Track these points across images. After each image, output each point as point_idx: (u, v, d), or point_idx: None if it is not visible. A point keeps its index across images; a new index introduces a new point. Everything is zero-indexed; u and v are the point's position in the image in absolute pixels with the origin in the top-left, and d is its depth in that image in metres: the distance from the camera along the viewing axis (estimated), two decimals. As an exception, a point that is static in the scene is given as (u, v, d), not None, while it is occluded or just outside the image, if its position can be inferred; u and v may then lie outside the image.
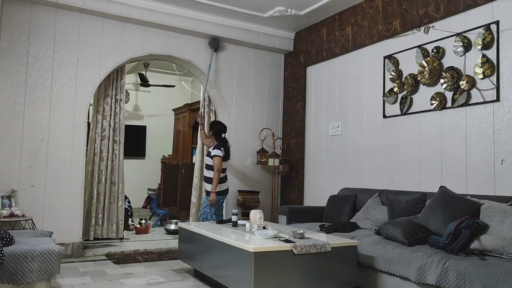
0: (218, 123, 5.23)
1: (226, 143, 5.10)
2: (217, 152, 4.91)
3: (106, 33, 5.26)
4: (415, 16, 4.48)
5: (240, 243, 3.17)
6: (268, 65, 6.44)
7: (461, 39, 3.99)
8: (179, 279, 4.07)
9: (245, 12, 5.60)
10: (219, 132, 5.09)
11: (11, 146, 4.69)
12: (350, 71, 5.37)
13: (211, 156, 4.94)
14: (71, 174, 4.97)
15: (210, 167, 4.96)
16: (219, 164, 4.86)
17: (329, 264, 3.26)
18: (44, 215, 4.78)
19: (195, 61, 5.84)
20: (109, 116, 5.51)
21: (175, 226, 6.57)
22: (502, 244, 2.94)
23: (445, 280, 2.84)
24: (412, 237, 3.35)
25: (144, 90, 9.57)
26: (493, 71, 3.73)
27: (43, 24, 4.90)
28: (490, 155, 3.74)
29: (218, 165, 4.86)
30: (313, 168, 5.89)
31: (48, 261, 3.12)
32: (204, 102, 6.20)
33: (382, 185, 4.74)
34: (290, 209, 4.96)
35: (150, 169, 9.70)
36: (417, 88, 4.45)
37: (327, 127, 5.69)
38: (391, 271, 3.28)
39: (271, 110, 6.43)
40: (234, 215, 4.12)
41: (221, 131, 5.11)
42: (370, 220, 4.23)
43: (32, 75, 4.83)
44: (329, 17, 5.68)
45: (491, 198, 3.43)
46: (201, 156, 6.24)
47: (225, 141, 5.11)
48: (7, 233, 3.19)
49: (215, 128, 5.10)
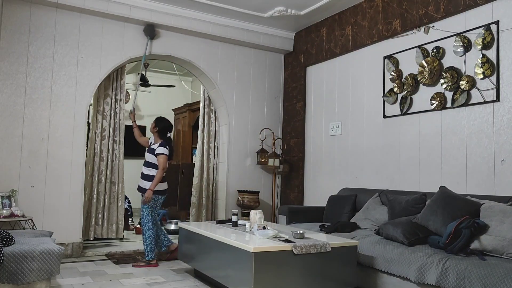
0: (165, 120, 4.87)
1: (170, 141, 4.83)
2: (162, 150, 4.62)
3: (106, 33, 5.26)
4: (415, 16, 4.48)
5: (240, 243, 3.17)
6: (268, 65, 6.44)
7: (461, 39, 3.99)
8: (179, 279, 4.07)
9: (245, 12, 5.60)
10: (164, 129, 4.78)
11: (11, 146, 4.69)
12: (350, 71, 5.37)
13: (155, 154, 4.64)
14: (71, 174, 4.97)
15: (151, 164, 4.67)
16: (164, 162, 4.60)
17: (329, 264, 3.26)
18: (44, 215, 4.78)
19: (195, 61, 5.84)
20: (109, 116, 5.51)
21: (175, 226, 6.57)
22: (502, 244, 2.94)
23: (445, 280, 2.84)
24: (412, 237, 3.35)
25: (144, 90, 9.56)
26: (493, 71, 3.73)
27: (43, 24, 4.90)
28: (490, 155, 3.74)
29: (163, 164, 4.59)
30: (313, 168, 5.89)
31: (48, 261, 3.12)
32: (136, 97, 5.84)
33: (382, 185, 4.74)
34: (290, 209, 4.96)
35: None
36: (417, 88, 4.45)
37: (327, 127, 5.69)
38: (391, 271, 3.28)
39: (271, 110, 6.43)
40: (234, 215, 4.12)
41: (166, 129, 4.80)
42: (370, 220, 4.23)
43: (32, 75, 4.83)
44: (329, 17, 5.68)
45: (491, 198, 3.43)
46: (201, 156, 6.25)
47: (169, 140, 4.82)
48: (7, 233, 3.19)
49: (161, 125, 4.77)
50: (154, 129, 4.78)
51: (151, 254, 4.59)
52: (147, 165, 4.72)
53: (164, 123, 4.81)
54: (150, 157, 4.70)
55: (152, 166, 4.67)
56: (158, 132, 4.76)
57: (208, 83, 6.12)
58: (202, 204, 6.16)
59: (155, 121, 4.83)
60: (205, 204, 6.15)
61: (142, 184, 4.69)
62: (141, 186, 4.71)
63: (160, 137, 4.76)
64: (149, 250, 4.59)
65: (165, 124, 4.81)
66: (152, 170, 4.66)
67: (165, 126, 4.79)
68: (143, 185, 4.68)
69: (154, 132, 4.79)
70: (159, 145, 4.68)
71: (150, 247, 4.60)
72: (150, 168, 4.68)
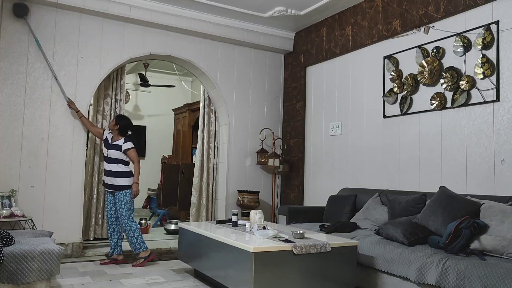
0: (126, 118, 4.87)
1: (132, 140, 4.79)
2: (130, 144, 4.68)
3: (106, 33, 5.26)
4: (415, 16, 4.48)
5: (240, 243, 3.17)
6: (268, 65, 6.44)
7: (461, 39, 3.99)
8: (179, 279, 4.07)
9: (245, 12, 5.60)
10: (125, 127, 4.76)
11: (11, 146, 4.69)
12: (350, 71, 5.37)
13: (123, 150, 4.64)
14: (71, 174, 4.97)
15: (118, 160, 4.65)
16: (136, 155, 4.69)
17: (329, 264, 3.26)
18: (44, 215, 4.78)
19: (195, 61, 5.84)
20: (109, 116, 5.51)
21: (175, 226, 6.57)
22: (502, 244, 2.94)
23: (445, 280, 2.84)
24: (412, 237, 3.35)
25: (144, 90, 9.57)
26: (493, 71, 3.73)
27: (43, 24, 4.89)
28: (490, 155, 3.74)
29: (137, 157, 4.69)
30: (313, 168, 5.89)
31: (48, 261, 3.12)
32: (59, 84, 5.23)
33: (382, 185, 4.74)
34: (290, 209, 4.96)
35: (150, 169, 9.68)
36: (417, 88, 4.45)
37: (327, 127, 5.69)
38: (391, 271, 3.28)
39: (271, 110, 6.43)
40: (234, 215, 4.12)
41: (127, 127, 4.79)
42: (370, 220, 4.23)
43: (32, 75, 4.83)
44: (329, 17, 5.68)
45: (491, 198, 3.43)
46: (201, 156, 6.25)
47: (131, 138, 4.79)
48: (7, 233, 3.19)
49: (122, 122, 4.75)
50: (115, 126, 4.75)
51: (143, 245, 4.63)
52: (113, 161, 4.67)
53: (126, 121, 4.82)
54: (115, 153, 4.67)
55: (119, 162, 4.67)
56: (119, 129, 4.74)
57: (208, 83, 6.12)
58: (202, 204, 6.17)
59: (116, 118, 4.83)
60: (205, 204, 6.15)
61: (116, 182, 4.64)
62: (114, 184, 4.64)
63: (121, 134, 4.76)
64: (141, 242, 4.63)
65: (126, 122, 4.82)
66: (121, 165, 4.67)
67: (126, 124, 4.79)
68: (117, 182, 4.63)
69: (114, 129, 4.76)
70: (124, 141, 4.70)
71: (140, 238, 4.63)
72: (119, 164, 4.67)
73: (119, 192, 4.64)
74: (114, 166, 4.67)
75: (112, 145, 4.72)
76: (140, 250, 4.60)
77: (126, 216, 4.62)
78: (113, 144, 4.72)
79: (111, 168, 4.68)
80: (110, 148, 4.71)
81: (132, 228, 4.62)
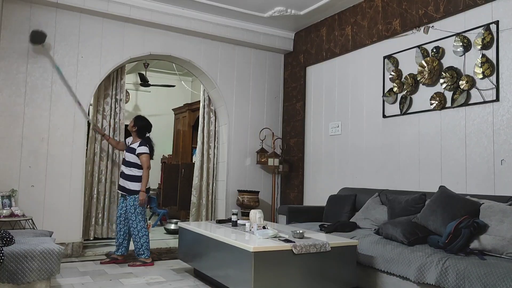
0: (144, 119, 4.81)
1: (150, 141, 4.74)
2: (144, 149, 4.58)
3: (106, 33, 5.26)
4: (415, 16, 4.48)
5: (240, 243, 3.17)
6: (268, 65, 6.44)
7: (461, 39, 4.00)
8: (179, 279, 4.08)
9: (245, 12, 5.61)
10: (143, 128, 4.72)
11: (11, 146, 4.70)
12: (350, 71, 5.37)
13: (137, 154, 4.59)
14: (71, 174, 4.97)
15: (132, 164, 4.60)
16: (148, 161, 4.58)
17: (329, 264, 3.26)
18: (44, 215, 4.78)
19: (195, 61, 5.85)
20: (109, 116, 5.52)
21: (175, 226, 6.58)
22: (501, 244, 2.95)
23: (444, 279, 2.84)
24: (412, 237, 3.35)
25: (144, 90, 9.57)
26: (493, 71, 3.73)
27: (43, 24, 4.89)
28: (489, 155, 3.75)
29: (147, 163, 4.57)
30: (313, 168, 5.89)
31: (48, 260, 3.13)
32: None
33: (381, 185, 4.74)
34: (290, 209, 4.97)
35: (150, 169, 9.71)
36: (416, 88, 4.46)
37: (326, 127, 5.69)
38: (390, 271, 3.28)
39: (271, 110, 6.43)
40: (234, 214, 4.13)
41: (145, 128, 4.74)
42: (369, 220, 4.24)
43: (32, 75, 4.84)
44: (329, 17, 5.68)
45: (490, 198, 3.43)
46: (201, 156, 6.26)
47: (149, 140, 4.73)
48: (7, 233, 3.19)
49: (139, 123, 4.71)
50: (133, 128, 4.72)
51: (147, 252, 4.60)
52: (127, 165, 4.65)
53: (143, 122, 4.77)
54: (130, 156, 4.64)
55: (133, 166, 4.62)
56: (136, 131, 4.71)
57: (208, 83, 6.13)
58: (202, 203, 6.17)
59: (134, 120, 4.78)
60: (205, 204, 6.15)
61: (127, 185, 4.62)
62: (125, 187, 4.62)
63: (139, 136, 4.71)
64: (145, 249, 4.60)
65: (144, 123, 4.76)
66: (134, 170, 4.62)
67: (143, 125, 4.74)
68: (128, 186, 4.61)
69: (132, 130, 4.74)
70: (139, 144, 4.63)
71: (145, 245, 4.60)
72: (132, 168, 4.62)
73: (129, 196, 4.63)
74: (126, 169, 4.65)
75: (129, 148, 4.70)
76: (142, 256, 4.60)
77: (135, 221, 4.62)
78: (130, 146, 4.70)
79: (124, 171, 4.67)
80: (127, 151, 4.70)
81: (140, 234, 4.60)
